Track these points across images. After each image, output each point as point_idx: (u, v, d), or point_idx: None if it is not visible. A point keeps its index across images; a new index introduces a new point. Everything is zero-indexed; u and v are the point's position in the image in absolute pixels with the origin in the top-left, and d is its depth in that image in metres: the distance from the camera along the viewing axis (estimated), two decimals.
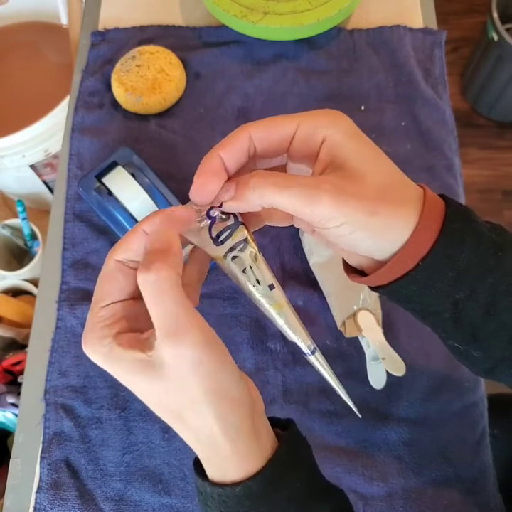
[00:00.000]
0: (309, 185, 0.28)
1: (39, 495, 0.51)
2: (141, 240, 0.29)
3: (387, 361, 0.49)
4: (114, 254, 0.30)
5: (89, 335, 0.29)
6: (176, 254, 0.28)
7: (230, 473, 0.30)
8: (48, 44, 1.17)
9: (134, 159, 0.56)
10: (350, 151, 0.29)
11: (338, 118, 0.30)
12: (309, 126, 0.29)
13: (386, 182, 0.29)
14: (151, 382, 0.28)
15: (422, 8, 0.68)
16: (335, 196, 0.27)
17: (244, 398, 0.30)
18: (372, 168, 0.29)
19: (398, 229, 0.29)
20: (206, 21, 0.68)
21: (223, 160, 0.30)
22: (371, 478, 0.51)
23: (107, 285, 0.30)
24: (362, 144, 0.29)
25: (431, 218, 0.29)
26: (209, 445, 0.30)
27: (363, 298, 0.51)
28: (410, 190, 0.30)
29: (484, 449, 0.52)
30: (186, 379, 0.27)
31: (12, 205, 1.26)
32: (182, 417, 0.29)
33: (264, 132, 0.30)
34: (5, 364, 0.94)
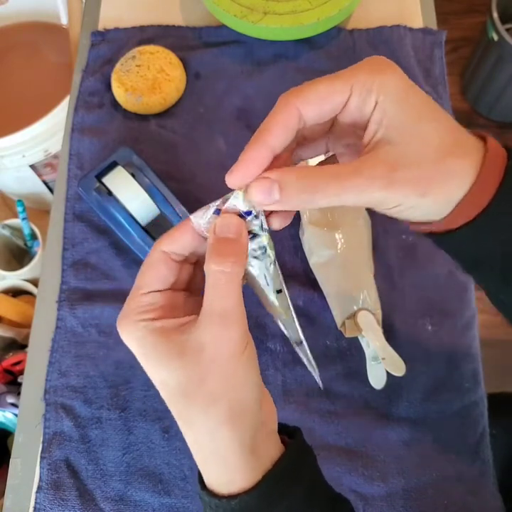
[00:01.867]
0: (359, 184, 0.27)
1: (39, 495, 0.51)
2: (188, 233, 0.30)
3: (387, 361, 0.49)
4: (160, 245, 0.30)
5: (126, 319, 0.29)
6: (246, 248, 0.29)
7: (225, 484, 0.29)
8: (48, 44, 1.17)
9: (134, 159, 0.56)
10: (398, 121, 0.28)
11: (391, 76, 0.28)
12: (361, 90, 0.27)
13: (437, 153, 0.28)
14: (180, 367, 0.27)
15: (422, 8, 0.68)
16: (385, 188, 0.27)
17: (255, 413, 0.29)
18: (421, 140, 0.28)
19: (452, 199, 0.29)
20: (206, 21, 0.68)
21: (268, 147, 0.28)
22: (371, 478, 0.51)
23: (149, 274, 0.30)
24: (411, 112, 0.28)
25: (490, 176, 0.28)
26: (207, 454, 0.29)
27: (362, 298, 0.51)
28: (466, 153, 0.29)
29: (484, 448, 0.52)
30: (218, 367, 0.27)
31: (12, 205, 1.26)
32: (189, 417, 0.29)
33: (316, 108, 0.28)
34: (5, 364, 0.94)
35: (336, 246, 0.52)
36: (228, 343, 0.28)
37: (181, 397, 0.28)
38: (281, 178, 0.28)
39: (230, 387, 0.28)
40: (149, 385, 0.54)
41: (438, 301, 0.56)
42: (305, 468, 0.32)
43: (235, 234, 0.29)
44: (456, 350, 0.54)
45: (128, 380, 0.54)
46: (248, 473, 0.29)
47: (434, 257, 0.57)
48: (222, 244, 0.29)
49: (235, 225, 0.29)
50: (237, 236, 0.29)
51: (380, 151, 0.28)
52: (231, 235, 0.29)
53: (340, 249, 0.52)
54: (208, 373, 0.27)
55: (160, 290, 0.30)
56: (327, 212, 0.54)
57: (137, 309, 0.29)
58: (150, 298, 0.30)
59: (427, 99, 0.29)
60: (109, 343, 0.55)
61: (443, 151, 0.28)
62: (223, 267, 0.28)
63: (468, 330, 0.55)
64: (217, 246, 0.28)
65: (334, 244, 0.53)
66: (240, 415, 0.28)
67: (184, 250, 0.30)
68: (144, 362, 0.29)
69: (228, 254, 0.28)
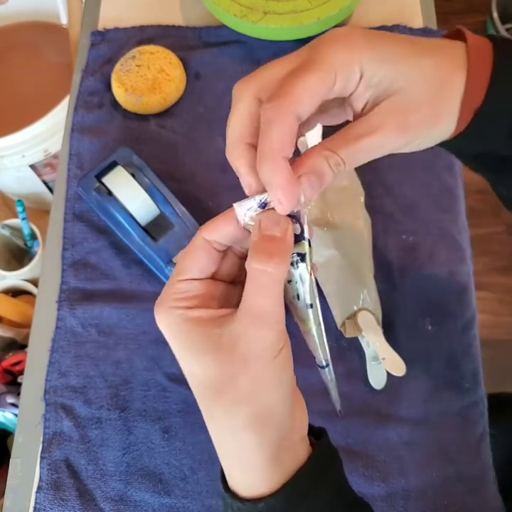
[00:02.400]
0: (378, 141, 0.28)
1: (39, 495, 0.51)
2: (231, 224, 0.29)
3: (387, 361, 0.49)
4: (203, 232, 0.29)
5: (161, 304, 0.29)
6: (291, 248, 0.28)
7: (251, 486, 0.28)
8: (48, 44, 1.17)
9: (134, 159, 0.56)
10: (387, 75, 0.28)
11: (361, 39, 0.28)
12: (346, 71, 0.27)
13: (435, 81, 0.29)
14: (211, 363, 0.27)
15: (422, 7, 0.68)
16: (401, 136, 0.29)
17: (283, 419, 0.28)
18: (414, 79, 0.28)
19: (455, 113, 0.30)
20: (206, 21, 0.68)
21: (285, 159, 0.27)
22: (372, 479, 0.51)
23: (189, 261, 0.29)
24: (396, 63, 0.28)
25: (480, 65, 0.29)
26: (231, 455, 0.28)
27: (362, 298, 0.51)
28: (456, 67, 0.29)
29: (485, 448, 0.52)
30: (250, 368, 0.26)
31: (12, 205, 1.26)
32: (213, 414, 0.28)
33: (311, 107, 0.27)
34: (5, 364, 0.94)
35: (336, 246, 0.52)
36: (262, 345, 0.27)
37: (208, 392, 0.27)
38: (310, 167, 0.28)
39: (259, 390, 0.27)
40: (149, 385, 0.54)
41: (438, 301, 0.56)
42: (330, 470, 0.31)
43: (281, 232, 0.27)
44: (456, 350, 0.54)
45: (128, 380, 0.54)
46: (270, 478, 0.28)
47: (434, 257, 0.57)
48: (267, 241, 0.27)
49: (282, 223, 0.27)
50: (283, 235, 0.27)
51: (384, 104, 0.29)
52: (277, 233, 0.27)
53: (340, 249, 0.52)
54: (239, 373, 0.26)
55: (198, 278, 0.29)
56: (327, 212, 0.54)
57: (173, 295, 0.28)
58: (187, 285, 0.29)
59: (396, 40, 0.29)
60: (108, 343, 0.55)
61: (443, 80, 0.29)
62: (266, 267, 0.26)
63: (468, 330, 0.55)
64: (261, 243, 0.27)
65: (334, 244, 0.53)
66: (265, 420, 0.27)
67: (226, 240, 0.29)
68: (176, 349, 0.28)
69: (273, 253, 0.26)
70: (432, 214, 0.59)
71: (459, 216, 0.59)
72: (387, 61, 0.28)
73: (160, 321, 0.29)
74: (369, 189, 0.58)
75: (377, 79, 0.28)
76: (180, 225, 0.55)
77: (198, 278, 0.29)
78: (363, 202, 0.56)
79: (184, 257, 0.29)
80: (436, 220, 0.58)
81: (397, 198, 0.59)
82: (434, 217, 0.59)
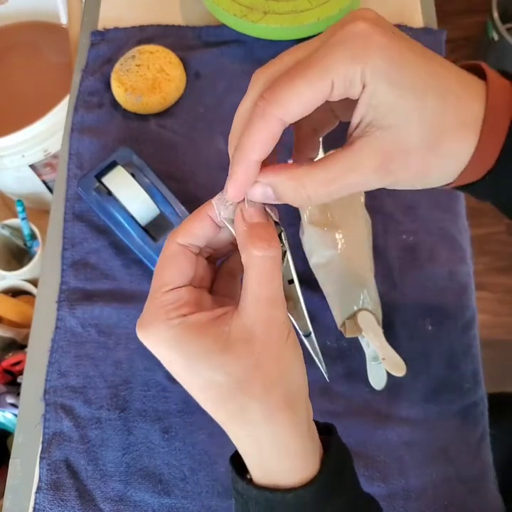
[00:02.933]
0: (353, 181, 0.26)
1: (39, 495, 0.51)
2: (205, 224, 0.29)
3: (387, 361, 0.49)
4: (176, 238, 0.29)
5: (152, 321, 0.28)
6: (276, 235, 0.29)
7: (279, 476, 0.28)
8: (48, 44, 1.17)
9: (134, 159, 0.56)
10: (389, 103, 0.25)
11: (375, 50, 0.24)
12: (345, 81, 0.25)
13: (435, 133, 0.26)
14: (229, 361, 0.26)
15: (422, 7, 0.68)
16: (382, 180, 0.27)
17: (306, 397, 0.29)
18: (415, 120, 0.26)
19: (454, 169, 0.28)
20: (206, 21, 0.68)
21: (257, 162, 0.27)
22: (371, 479, 0.51)
23: (168, 270, 0.29)
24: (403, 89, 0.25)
25: (494, 129, 0.27)
26: (265, 444, 0.28)
27: (362, 298, 0.51)
28: (468, 122, 0.26)
29: (485, 449, 0.52)
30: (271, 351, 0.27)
31: (12, 205, 1.26)
32: (244, 407, 0.27)
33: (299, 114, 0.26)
34: (4, 364, 0.94)
35: (336, 246, 0.52)
36: (277, 325, 0.27)
37: (235, 390, 0.27)
38: (271, 182, 0.27)
39: (284, 370, 0.27)
40: (149, 385, 0.54)
41: (438, 301, 0.56)
42: (348, 467, 0.31)
43: (263, 217, 0.29)
44: (456, 350, 0.54)
45: (128, 380, 0.54)
46: (309, 458, 0.28)
47: (434, 257, 0.57)
48: (259, 229, 0.28)
49: (260, 209, 0.29)
50: (265, 219, 0.29)
51: (370, 138, 0.26)
52: (262, 219, 0.28)
53: (340, 249, 0.52)
54: (262, 358, 0.27)
55: (182, 286, 0.29)
56: (327, 212, 0.54)
57: (164, 308, 0.28)
58: (175, 294, 0.28)
59: (422, 62, 0.26)
60: (108, 343, 0.55)
61: (441, 129, 0.26)
62: (267, 252, 0.27)
63: (468, 330, 0.55)
64: (254, 232, 0.28)
65: (334, 244, 0.52)
66: (295, 399, 0.28)
67: (201, 241, 0.29)
68: (178, 365, 0.27)
69: (269, 238, 0.28)
70: (432, 214, 0.59)
71: (459, 216, 0.59)
72: (395, 86, 0.25)
73: (153, 340, 0.27)
74: None
75: (377, 101, 0.25)
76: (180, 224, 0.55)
77: (182, 285, 0.29)
78: (363, 202, 0.56)
79: (163, 267, 0.29)
80: (436, 220, 0.58)
81: (397, 198, 0.59)
82: (434, 217, 0.59)
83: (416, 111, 0.25)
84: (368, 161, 0.26)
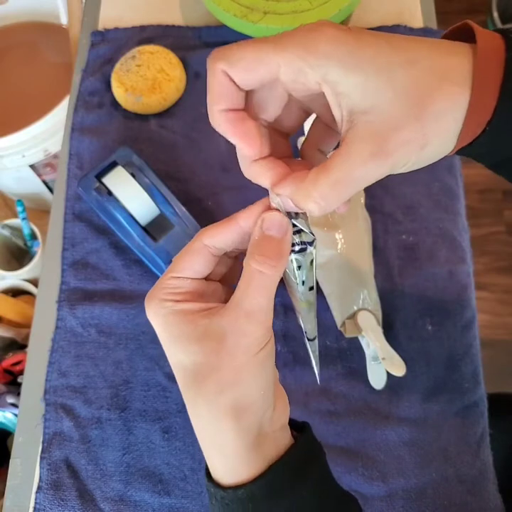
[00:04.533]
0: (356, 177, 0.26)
1: (39, 495, 0.51)
2: (233, 231, 0.30)
3: (387, 361, 0.49)
4: (204, 237, 0.30)
5: (153, 297, 0.30)
6: (288, 250, 0.29)
7: (231, 474, 0.29)
8: (48, 44, 1.17)
9: (134, 159, 0.56)
10: (356, 86, 0.25)
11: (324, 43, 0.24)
12: (292, 68, 0.25)
13: (419, 100, 0.25)
14: (198, 352, 0.28)
15: (422, 7, 0.68)
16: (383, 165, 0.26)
17: (262, 410, 0.29)
18: (393, 96, 0.25)
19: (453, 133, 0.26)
20: (206, 21, 0.68)
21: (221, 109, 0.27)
22: (371, 479, 0.51)
23: (184, 262, 0.30)
24: (366, 69, 0.25)
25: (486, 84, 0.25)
26: (208, 442, 0.29)
27: (362, 298, 0.51)
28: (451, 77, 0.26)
29: (484, 449, 0.52)
30: (234, 359, 0.27)
31: (12, 205, 1.26)
32: (196, 399, 0.29)
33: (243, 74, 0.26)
34: (5, 364, 0.94)
35: (336, 246, 0.52)
36: (249, 340, 0.28)
37: (194, 380, 0.28)
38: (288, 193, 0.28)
39: (241, 380, 0.28)
40: (149, 385, 0.54)
41: (438, 301, 0.56)
42: (313, 461, 0.32)
43: (280, 233, 0.28)
44: (456, 350, 0.54)
45: (128, 380, 0.54)
46: (250, 465, 0.29)
47: (434, 257, 0.57)
48: (267, 242, 0.28)
49: (282, 224, 0.28)
50: (282, 236, 0.28)
51: (359, 126, 0.25)
52: (277, 234, 0.28)
53: (340, 249, 0.52)
54: (223, 363, 0.27)
55: (191, 278, 0.30)
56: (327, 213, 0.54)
57: (165, 289, 0.29)
58: (179, 282, 0.30)
59: (382, 42, 0.25)
60: (108, 343, 0.55)
61: (425, 95, 0.25)
62: (263, 268, 0.27)
63: (468, 330, 0.55)
64: (261, 243, 0.28)
65: (334, 244, 0.53)
66: (244, 408, 0.28)
67: (226, 246, 0.30)
68: (164, 341, 0.29)
69: (271, 256, 0.28)
70: (432, 214, 0.59)
71: (459, 216, 0.59)
72: (351, 69, 0.24)
73: (149, 313, 0.30)
74: (369, 189, 0.58)
75: (343, 87, 0.25)
76: (180, 225, 0.55)
77: (192, 278, 0.30)
78: (363, 202, 0.56)
79: (181, 257, 0.30)
80: (437, 220, 0.59)
81: (397, 198, 0.59)
82: (434, 217, 0.59)
83: (385, 85, 0.25)
84: (362, 149, 0.25)
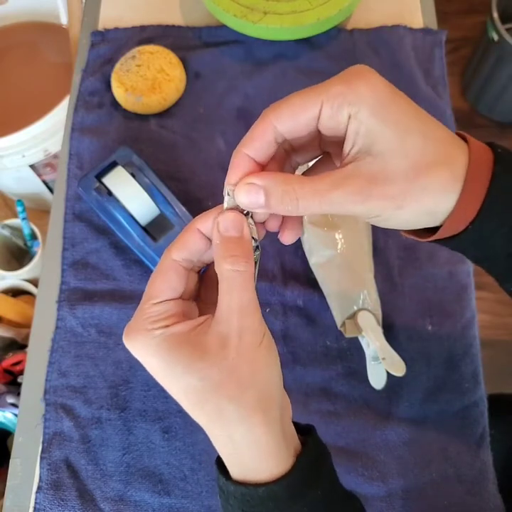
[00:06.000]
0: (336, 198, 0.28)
1: (39, 495, 0.51)
2: (195, 238, 0.31)
3: (387, 361, 0.49)
4: (170, 253, 0.31)
5: (137, 330, 0.29)
6: (251, 244, 0.30)
7: (254, 473, 0.30)
8: (48, 44, 1.17)
9: (134, 159, 0.56)
10: (375, 132, 0.27)
11: (364, 87, 0.27)
12: (333, 103, 0.28)
13: (416, 166, 0.28)
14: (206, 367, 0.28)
15: (422, 8, 0.68)
16: (361, 203, 0.28)
17: (280, 399, 0.30)
18: (399, 152, 0.28)
19: (432, 211, 0.29)
20: (206, 21, 0.68)
21: (250, 156, 0.30)
22: (371, 479, 0.51)
23: (160, 283, 0.30)
24: (389, 122, 0.28)
25: (476, 184, 0.29)
26: (240, 443, 0.29)
27: (362, 298, 0.51)
28: (448, 162, 0.29)
29: (484, 449, 0.52)
30: (244, 356, 0.28)
31: (12, 205, 1.26)
32: (220, 409, 0.29)
33: (289, 122, 0.29)
34: (5, 364, 0.94)
35: (336, 246, 0.52)
36: (250, 333, 0.28)
37: (213, 391, 0.28)
38: (265, 185, 0.29)
39: (257, 374, 0.29)
40: (149, 385, 0.54)
41: (438, 301, 0.56)
42: (325, 463, 0.32)
43: (238, 231, 0.30)
44: (456, 350, 0.54)
45: (128, 380, 0.54)
46: (282, 456, 0.30)
47: (434, 257, 0.57)
48: (230, 243, 0.29)
49: (236, 221, 0.30)
50: (240, 233, 0.30)
51: (360, 163, 0.28)
52: (236, 233, 0.30)
53: (340, 249, 0.52)
54: (236, 363, 0.28)
55: (172, 299, 0.30)
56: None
57: (149, 319, 0.29)
58: (163, 307, 0.30)
59: (410, 108, 0.29)
60: (108, 343, 0.55)
61: (423, 164, 0.28)
62: (237, 267, 0.29)
63: (468, 330, 0.55)
64: (226, 245, 0.29)
65: (334, 244, 0.53)
66: (269, 400, 0.29)
67: (192, 256, 0.31)
68: (161, 372, 0.29)
69: (239, 254, 0.29)
70: None
71: None
72: (379, 118, 0.27)
73: (137, 346, 0.29)
74: None
75: (364, 129, 0.27)
76: (180, 225, 0.55)
77: (172, 298, 0.30)
78: None
79: (155, 280, 0.31)
80: None
81: None
82: None
83: (397, 143, 0.28)
84: (352, 181, 0.28)
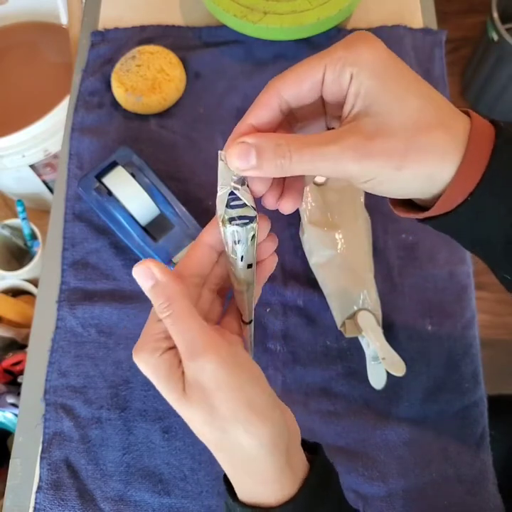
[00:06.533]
0: (332, 152, 0.27)
1: (39, 495, 0.51)
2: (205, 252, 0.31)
3: (387, 361, 0.49)
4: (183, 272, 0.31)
5: (142, 348, 0.30)
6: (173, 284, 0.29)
7: (260, 495, 0.30)
8: (48, 44, 1.17)
9: (134, 159, 0.56)
10: (375, 93, 0.27)
11: (366, 50, 0.28)
12: (335, 66, 0.28)
13: (416, 125, 0.27)
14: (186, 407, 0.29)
15: (422, 8, 0.68)
16: (358, 159, 0.27)
17: (277, 419, 0.30)
18: (399, 111, 0.27)
19: (432, 176, 0.28)
20: (206, 21, 0.68)
21: (254, 126, 0.29)
22: (371, 479, 0.51)
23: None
24: (389, 82, 0.27)
25: (477, 153, 0.28)
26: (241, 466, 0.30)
27: (363, 298, 0.51)
28: (449, 126, 0.28)
29: (484, 449, 0.52)
30: (209, 396, 0.28)
31: (12, 205, 1.26)
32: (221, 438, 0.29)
33: (294, 87, 0.28)
34: (5, 364, 0.94)
35: (336, 246, 0.52)
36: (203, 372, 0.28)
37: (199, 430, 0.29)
38: (257, 142, 0.28)
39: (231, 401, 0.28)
40: (149, 385, 0.54)
41: (438, 301, 0.56)
42: (332, 484, 0.32)
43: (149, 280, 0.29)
44: (456, 350, 0.54)
45: (128, 380, 0.54)
46: (286, 480, 0.30)
47: (434, 257, 0.57)
48: (151, 293, 0.29)
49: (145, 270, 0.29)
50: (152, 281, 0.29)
51: (359, 122, 0.28)
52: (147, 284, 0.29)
53: (340, 249, 0.52)
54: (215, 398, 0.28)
55: None
56: (327, 212, 0.54)
57: (155, 336, 0.29)
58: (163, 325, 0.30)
59: (410, 73, 0.29)
60: (108, 343, 0.55)
61: (423, 124, 0.27)
62: (162, 315, 0.29)
63: (468, 330, 0.55)
64: (151, 296, 0.29)
65: (334, 244, 0.53)
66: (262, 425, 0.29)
67: (202, 269, 0.31)
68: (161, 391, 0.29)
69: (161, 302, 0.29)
70: None
71: None
72: (380, 80, 0.27)
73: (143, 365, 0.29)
74: None
75: (364, 90, 0.27)
76: (180, 225, 0.55)
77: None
78: (362, 202, 0.56)
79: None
80: None
81: None
82: None
83: (397, 104, 0.27)
84: (349, 137, 0.27)
